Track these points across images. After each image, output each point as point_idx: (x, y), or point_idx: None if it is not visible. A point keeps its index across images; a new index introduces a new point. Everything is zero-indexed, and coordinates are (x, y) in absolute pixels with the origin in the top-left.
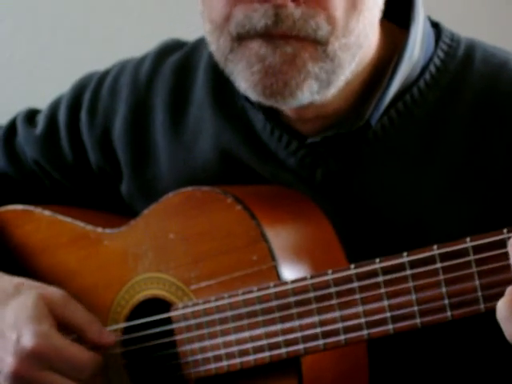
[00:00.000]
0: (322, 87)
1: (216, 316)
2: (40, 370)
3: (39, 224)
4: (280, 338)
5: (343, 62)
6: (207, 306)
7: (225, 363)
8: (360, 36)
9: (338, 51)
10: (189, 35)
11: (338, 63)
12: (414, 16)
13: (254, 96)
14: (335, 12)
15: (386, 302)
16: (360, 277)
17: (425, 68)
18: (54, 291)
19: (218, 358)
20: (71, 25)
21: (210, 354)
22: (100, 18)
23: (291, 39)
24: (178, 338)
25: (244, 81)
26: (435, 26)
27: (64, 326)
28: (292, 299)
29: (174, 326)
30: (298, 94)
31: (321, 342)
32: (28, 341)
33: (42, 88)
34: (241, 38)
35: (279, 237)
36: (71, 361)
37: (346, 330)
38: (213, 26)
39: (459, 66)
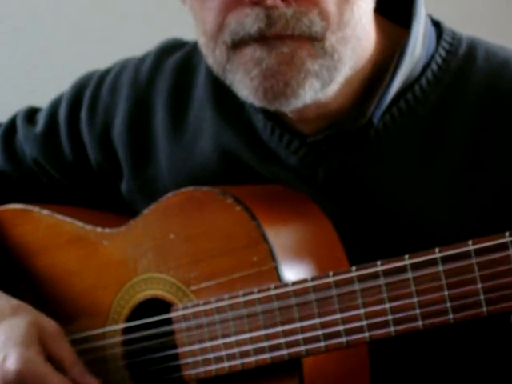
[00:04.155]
0: (325, 85)
1: (216, 317)
2: None
3: (38, 223)
4: (281, 340)
5: (343, 57)
6: (207, 307)
7: (226, 364)
8: (357, 27)
9: (336, 45)
10: (189, 35)
11: (338, 58)
12: (416, 14)
13: (257, 102)
14: (327, 6)
15: (387, 305)
16: (361, 279)
17: (426, 66)
18: (48, 322)
19: (218, 359)
20: (71, 25)
21: (210, 355)
22: (100, 17)
23: (286, 39)
24: (178, 338)
25: (244, 88)
26: (436, 24)
27: (50, 359)
28: (293, 301)
29: (175, 326)
30: (301, 93)
31: (322, 343)
32: (12, 363)
33: (42, 88)
34: (236, 46)
35: (280, 237)
36: None
37: (348, 332)
38: (207, 37)
39: (461, 64)
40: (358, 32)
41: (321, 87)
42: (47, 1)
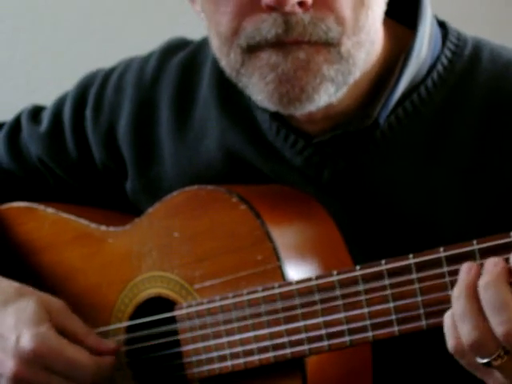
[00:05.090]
0: (339, 89)
1: (220, 316)
2: (40, 372)
3: (43, 221)
4: (285, 339)
5: (358, 61)
6: (211, 305)
7: (229, 363)
8: (370, 31)
9: (352, 50)
10: (189, 35)
11: (352, 62)
12: (422, 15)
13: (271, 106)
14: (344, 12)
15: (391, 304)
16: (365, 278)
17: (432, 67)
18: (54, 300)
19: (222, 358)
20: (71, 25)
21: (214, 354)
22: (100, 17)
23: (303, 44)
24: (181, 337)
25: (259, 92)
26: (442, 25)
27: (63, 334)
28: (297, 300)
29: (178, 325)
30: (316, 97)
31: (325, 343)
32: (27, 342)
33: (42, 88)
34: (251, 50)
35: (284, 236)
36: (70, 362)
37: (351, 331)
38: (221, 41)
39: (466, 65)
40: (371, 36)
41: (335, 91)
42: (47, 1)
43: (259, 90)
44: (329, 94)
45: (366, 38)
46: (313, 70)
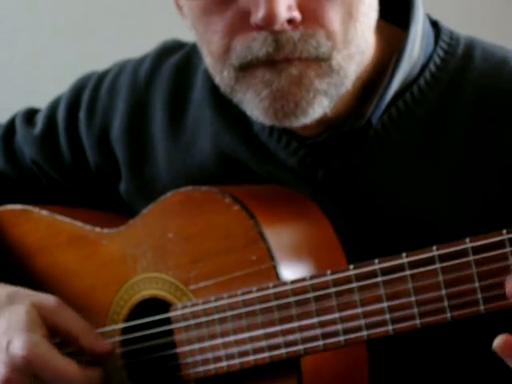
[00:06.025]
0: (332, 100)
1: (215, 316)
2: (28, 379)
3: (37, 224)
4: (280, 339)
5: (349, 72)
6: (206, 306)
7: (224, 364)
8: (360, 43)
9: (342, 63)
10: (189, 35)
11: (344, 74)
12: (414, 15)
13: (267, 121)
14: (333, 26)
15: (385, 303)
16: (359, 277)
17: (425, 66)
18: (47, 298)
19: (217, 359)
20: (71, 25)
21: (209, 355)
22: (100, 17)
23: (295, 61)
24: (177, 338)
25: (255, 109)
26: (434, 24)
27: (58, 334)
28: (291, 300)
29: (173, 326)
30: (310, 111)
31: (320, 342)
32: (18, 349)
33: (41, 88)
34: (244, 68)
35: (278, 236)
36: (57, 373)
37: (346, 331)
38: (213, 59)
39: (459, 64)
40: (361, 47)
41: (329, 104)
42: (47, 1)
43: (254, 106)
44: (323, 106)
45: (356, 49)
46: (305, 84)
